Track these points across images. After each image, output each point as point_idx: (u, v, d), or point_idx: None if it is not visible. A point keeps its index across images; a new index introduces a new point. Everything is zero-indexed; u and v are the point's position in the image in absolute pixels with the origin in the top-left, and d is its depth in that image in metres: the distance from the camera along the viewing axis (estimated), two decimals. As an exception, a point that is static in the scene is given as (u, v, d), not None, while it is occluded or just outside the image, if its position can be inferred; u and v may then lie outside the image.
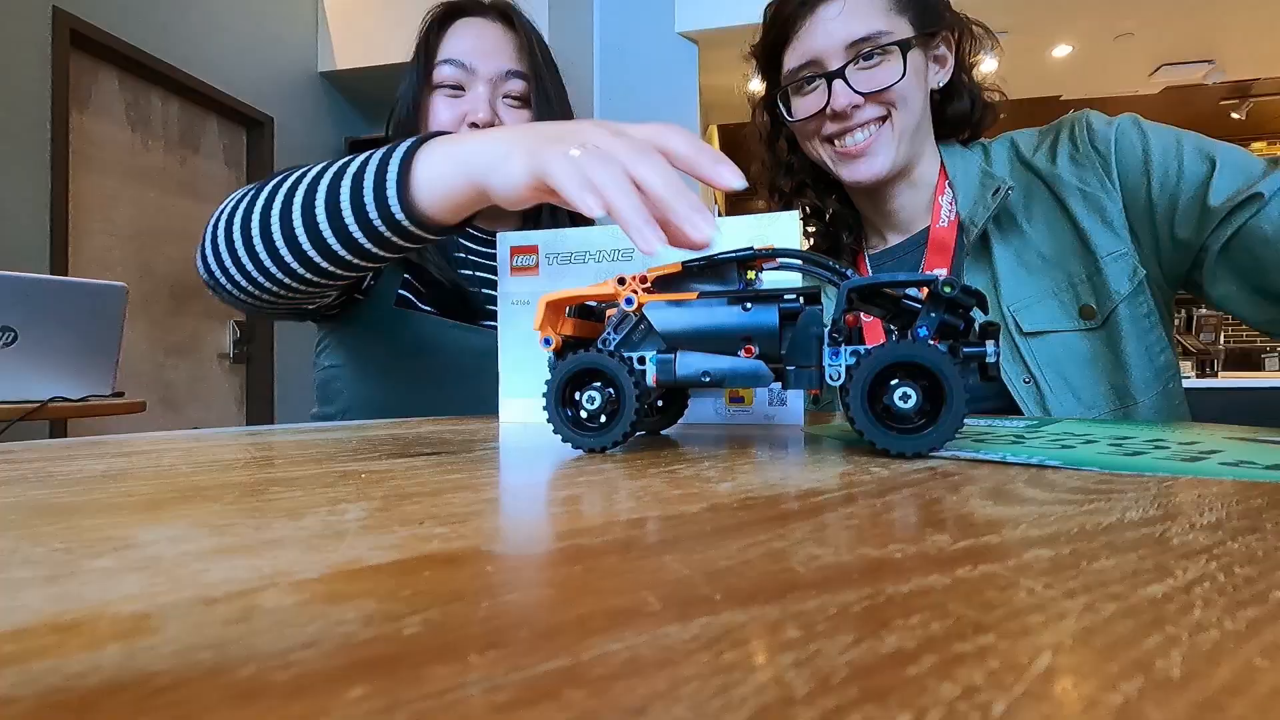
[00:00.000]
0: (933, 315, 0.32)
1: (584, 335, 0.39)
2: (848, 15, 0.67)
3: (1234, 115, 4.33)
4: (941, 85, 0.73)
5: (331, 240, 0.50)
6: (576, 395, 0.35)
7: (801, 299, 0.34)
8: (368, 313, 0.74)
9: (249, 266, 0.54)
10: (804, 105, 0.72)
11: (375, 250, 0.50)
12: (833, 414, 0.70)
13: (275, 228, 0.51)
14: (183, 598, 0.12)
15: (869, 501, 0.21)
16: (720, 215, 0.53)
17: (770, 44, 0.74)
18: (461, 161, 0.45)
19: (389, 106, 0.81)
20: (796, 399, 0.52)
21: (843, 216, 0.80)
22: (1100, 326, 0.64)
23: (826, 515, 0.19)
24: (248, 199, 0.54)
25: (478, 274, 0.81)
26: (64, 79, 2.17)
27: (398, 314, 0.74)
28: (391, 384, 0.75)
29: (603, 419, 0.34)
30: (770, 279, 0.47)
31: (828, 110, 0.69)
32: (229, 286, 0.56)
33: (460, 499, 0.22)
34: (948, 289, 0.31)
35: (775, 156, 0.82)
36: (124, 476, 0.26)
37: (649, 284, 0.36)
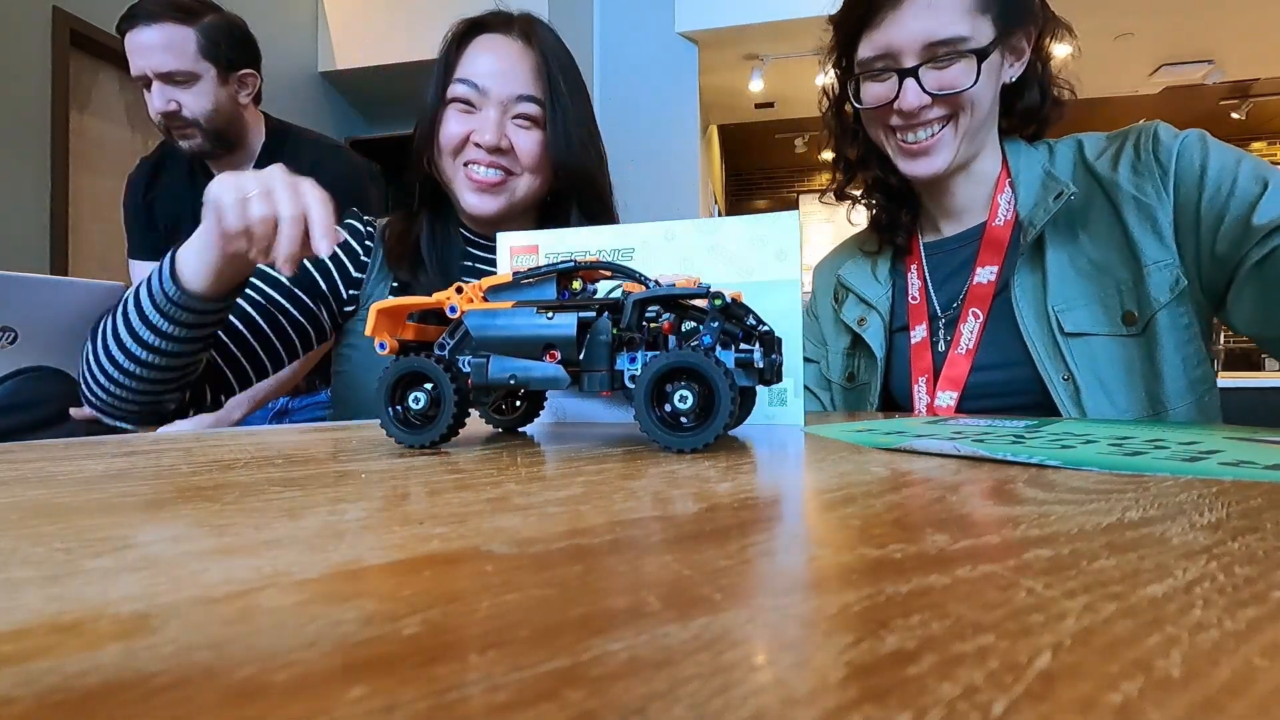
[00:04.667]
0: (714, 324, 0.35)
1: (425, 340, 0.42)
2: (931, 13, 0.66)
3: (1234, 115, 4.33)
4: (1014, 79, 0.72)
5: (142, 329, 0.60)
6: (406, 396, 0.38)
7: (600, 310, 0.37)
8: (360, 322, 0.75)
9: (101, 384, 0.63)
10: (873, 93, 0.72)
11: (173, 330, 0.60)
12: (828, 414, 0.70)
13: (110, 342, 0.62)
14: (183, 598, 0.12)
15: (869, 501, 0.21)
16: (721, 215, 0.54)
17: (851, 20, 0.73)
18: (198, 244, 0.58)
19: (389, 106, 0.83)
20: (796, 399, 0.52)
21: (903, 195, 0.81)
22: (1140, 333, 0.65)
23: (826, 515, 0.19)
24: (89, 339, 0.65)
25: None
26: (64, 79, 2.17)
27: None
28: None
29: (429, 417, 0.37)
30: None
31: (895, 105, 0.69)
32: (103, 400, 0.65)
33: (460, 499, 0.22)
34: (719, 301, 0.35)
35: (842, 124, 0.82)
36: (124, 476, 0.26)
37: (484, 293, 0.39)
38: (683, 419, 0.34)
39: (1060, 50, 0.76)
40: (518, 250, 0.58)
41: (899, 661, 0.09)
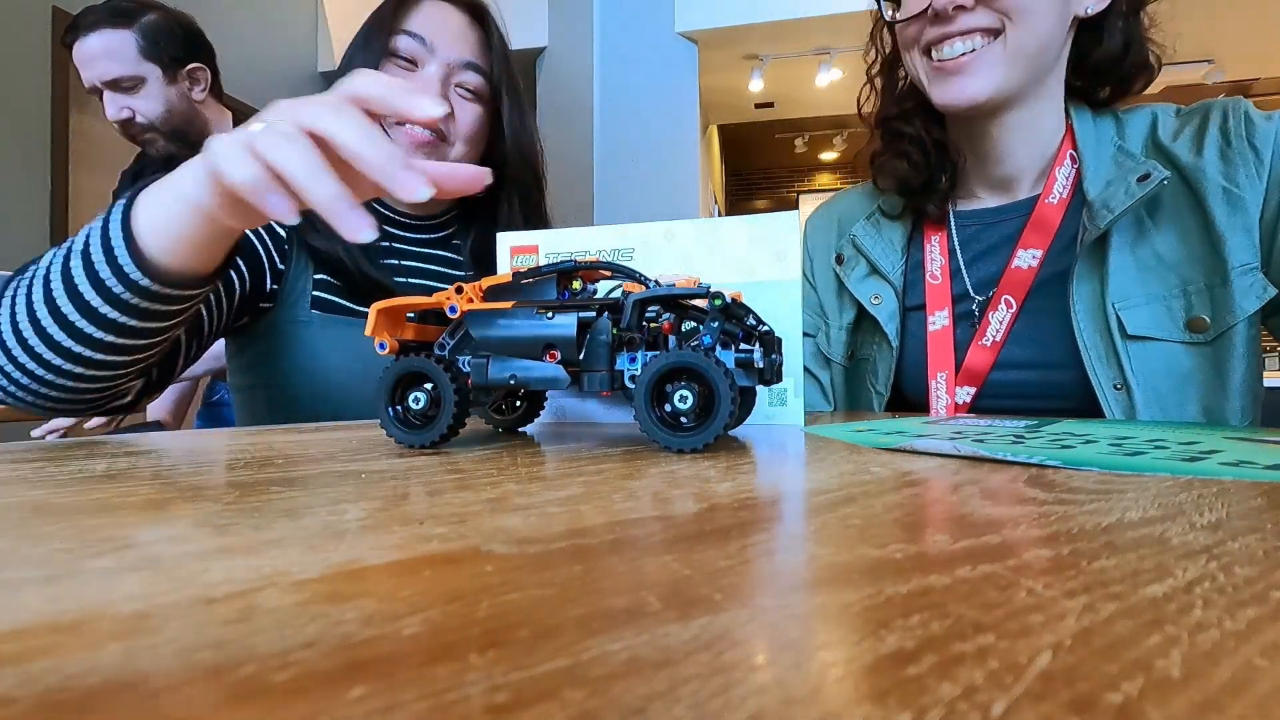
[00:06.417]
0: (714, 324, 0.35)
1: (425, 339, 0.41)
2: None
3: (1234, 115, 4.32)
4: (1091, 13, 0.60)
5: (86, 325, 0.43)
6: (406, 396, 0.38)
7: (600, 310, 0.37)
8: (281, 320, 0.69)
9: (14, 372, 0.46)
10: (909, 3, 0.62)
11: (133, 323, 0.43)
12: (830, 411, 0.70)
13: (25, 327, 0.44)
14: (183, 598, 0.12)
15: (869, 501, 0.21)
16: (721, 215, 0.54)
17: None
18: (175, 193, 0.39)
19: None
20: (797, 399, 0.52)
21: (946, 151, 0.69)
22: (1209, 343, 0.57)
23: (826, 515, 0.19)
24: None
25: (404, 263, 0.76)
26: (64, 79, 2.17)
27: (315, 317, 0.69)
28: (323, 392, 0.70)
29: (428, 417, 0.37)
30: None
31: (929, 9, 0.59)
32: (8, 395, 0.48)
33: (460, 499, 0.22)
34: (719, 301, 0.35)
35: (892, 83, 0.72)
36: (124, 476, 0.26)
37: (484, 293, 0.39)
38: (683, 419, 0.34)
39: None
40: (518, 250, 0.58)
41: (899, 661, 0.09)
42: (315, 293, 0.70)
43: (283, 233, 0.70)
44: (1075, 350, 0.60)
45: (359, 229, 0.29)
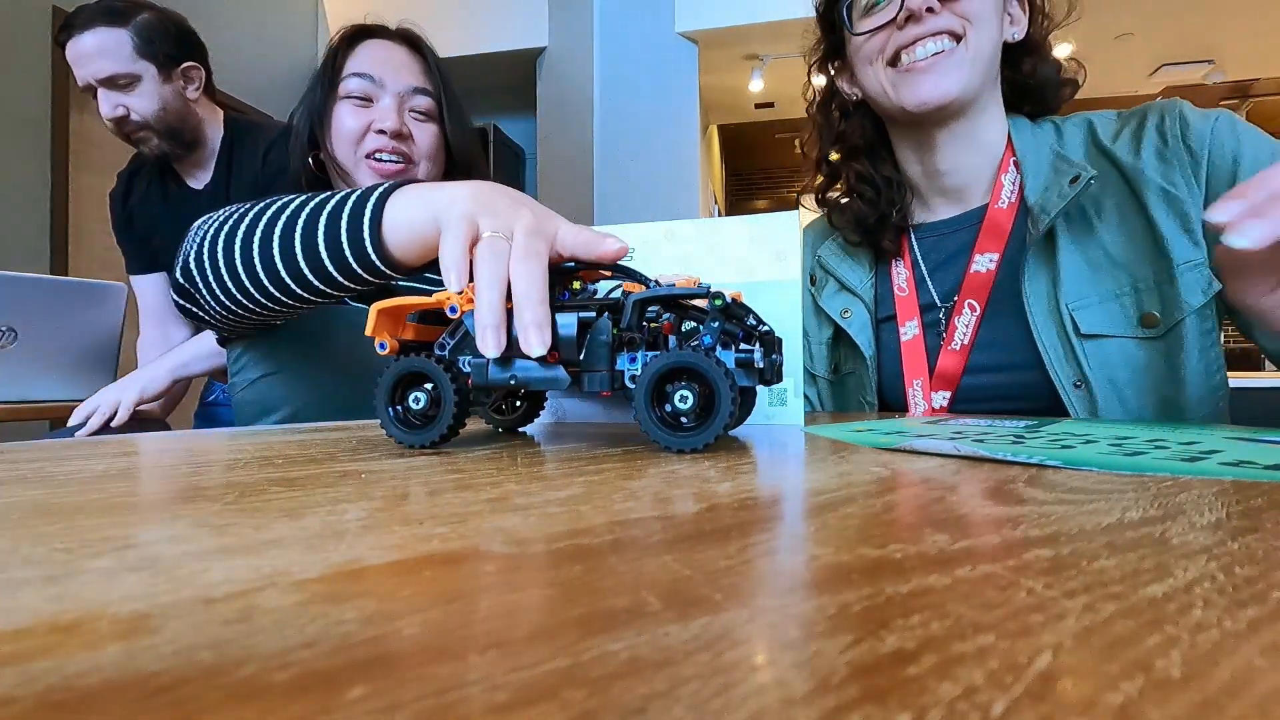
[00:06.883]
0: (714, 324, 0.35)
1: (426, 339, 0.41)
2: None
3: (1234, 115, 4.32)
4: (1016, 39, 0.68)
5: (307, 271, 0.52)
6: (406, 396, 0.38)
7: (600, 310, 0.37)
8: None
9: (231, 287, 0.55)
10: (871, 19, 0.67)
11: (345, 283, 0.52)
12: (820, 414, 0.70)
13: (255, 253, 0.54)
14: (183, 598, 0.12)
15: (869, 501, 0.21)
16: (721, 215, 0.54)
17: None
18: (429, 204, 0.47)
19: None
20: (796, 399, 0.52)
21: (894, 186, 0.74)
22: (1160, 337, 0.60)
23: (826, 515, 0.19)
24: (229, 223, 0.56)
25: None
26: (64, 79, 2.17)
27: (323, 307, 0.73)
28: (335, 380, 0.74)
29: (429, 417, 0.37)
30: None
31: (898, 18, 0.64)
32: (204, 306, 0.58)
33: (460, 499, 0.21)
34: (719, 301, 0.35)
35: (829, 123, 0.77)
36: (124, 476, 0.26)
37: None
38: (683, 419, 0.34)
39: (1061, 50, 0.72)
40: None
41: (899, 661, 0.09)
42: None
43: None
44: (1037, 351, 0.63)
45: (489, 347, 0.35)
